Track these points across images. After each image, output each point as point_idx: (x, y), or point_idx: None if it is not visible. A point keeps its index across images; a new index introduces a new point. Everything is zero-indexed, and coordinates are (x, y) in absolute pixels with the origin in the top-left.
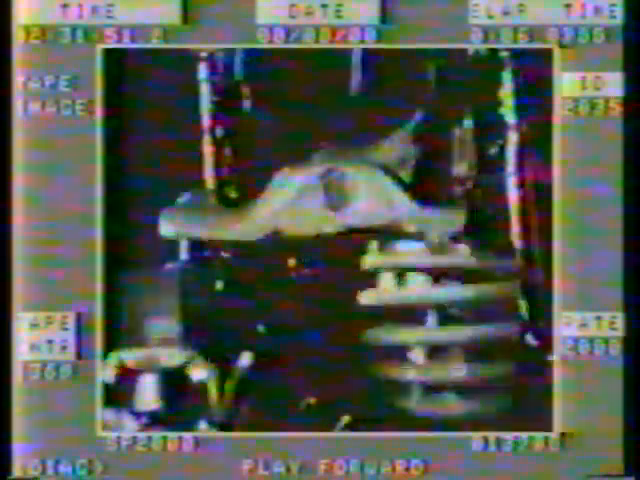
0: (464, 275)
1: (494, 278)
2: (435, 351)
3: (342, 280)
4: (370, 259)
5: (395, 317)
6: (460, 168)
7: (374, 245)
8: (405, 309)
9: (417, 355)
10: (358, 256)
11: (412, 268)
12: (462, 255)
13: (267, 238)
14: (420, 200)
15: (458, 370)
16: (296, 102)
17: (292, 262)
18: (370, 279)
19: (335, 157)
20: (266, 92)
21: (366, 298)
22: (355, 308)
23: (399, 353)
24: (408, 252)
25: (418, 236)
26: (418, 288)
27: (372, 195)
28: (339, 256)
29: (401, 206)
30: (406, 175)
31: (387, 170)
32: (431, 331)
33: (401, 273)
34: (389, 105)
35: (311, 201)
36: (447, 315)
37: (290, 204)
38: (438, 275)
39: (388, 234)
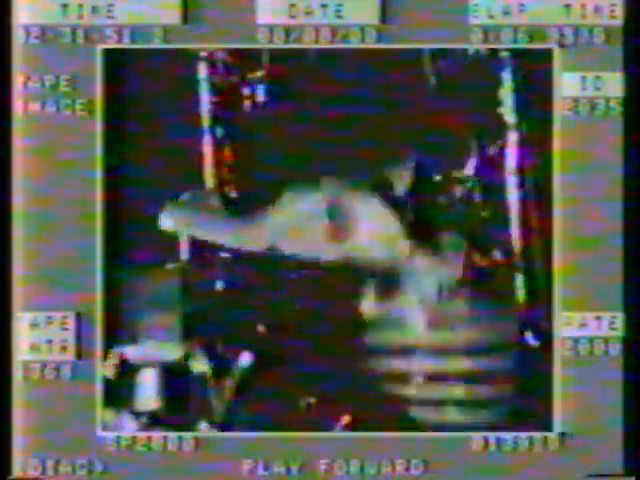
0: (464, 280)
1: (494, 280)
2: (435, 353)
3: (342, 281)
4: (368, 305)
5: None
6: (459, 169)
7: (372, 287)
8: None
9: (417, 355)
10: (357, 289)
11: (408, 316)
12: (459, 305)
13: (267, 253)
14: (420, 240)
15: (458, 370)
16: (296, 102)
17: (292, 264)
18: (369, 321)
19: (343, 187)
20: (266, 92)
21: (366, 308)
22: (355, 308)
23: (399, 353)
24: (405, 301)
25: (413, 283)
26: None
27: (374, 231)
28: (336, 286)
29: (401, 247)
30: (405, 182)
31: (391, 208)
32: (431, 330)
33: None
34: (389, 105)
35: (313, 227)
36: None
37: (293, 226)
38: (435, 322)
39: (386, 275)
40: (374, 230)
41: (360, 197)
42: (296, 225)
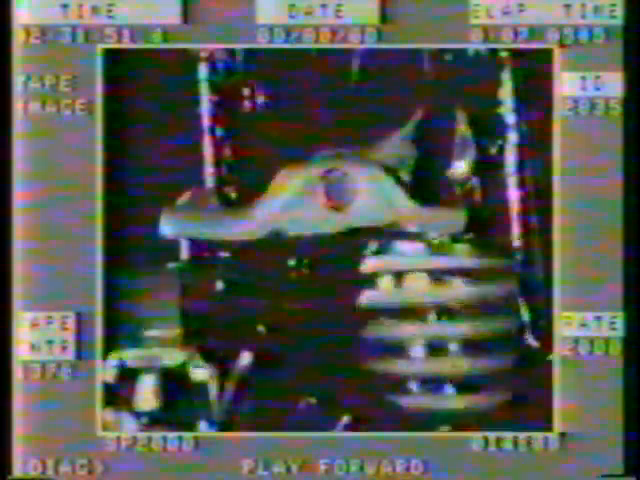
0: (464, 276)
1: (494, 278)
2: (435, 352)
3: (342, 280)
4: (370, 262)
5: (394, 316)
6: (460, 168)
7: (374, 247)
8: (404, 308)
9: (417, 354)
10: (358, 256)
11: (412, 269)
12: (462, 256)
13: (267, 238)
14: (420, 200)
15: (458, 370)
16: (296, 102)
17: (292, 262)
18: (370, 279)
19: (336, 157)
20: (266, 92)
21: (365, 300)
22: (355, 307)
23: (399, 352)
24: (408, 253)
25: (418, 236)
26: (417, 289)
27: (373, 195)
28: (339, 256)
29: (401, 206)
30: (406, 175)
31: (388, 170)
32: (431, 330)
33: (400, 274)
34: (389, 105)
35: (312, 201)
36: (447, 315)
37: (291, 204)
38: (438, 276)
39: (388, 235)
40: (373, 194)
41: (356, 165)
42: (294, 202)
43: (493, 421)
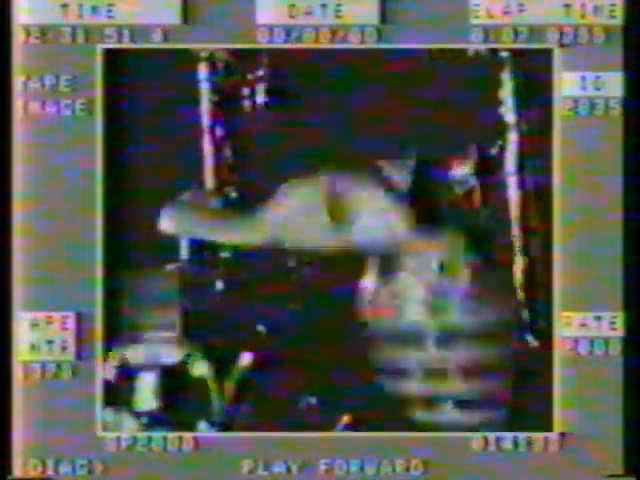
0: (464, 297)
1: (494, 278)
2: (435, 347)
3: (341, 279)
4: (370, 286)
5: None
6: (460, 169)
7: (374, 269)
8: (404, 307)
9: (417, 354)
10: (358, 269)
11: (411, 284)
12: (461, 279)
13: (267, 247)
14: (420, 222)
15: (457, 370)
16: (296, 102)
17: (292, 263)
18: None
19: (340, 173)
20: (267, 92)
21: (366, 323)
22: (355, 307)
23: (399, 351)
24: (407, 280)
25: (416, 262)
26: (417, 316)
27: (373, 214)
28: (339, 272)
29: (400, 229)
30: (405, 181)
31: (388, 190)
32: (430, 330)
33: (400, 289)
34: (389, 105)
35: (314, 216)
36: (447, 315)
37: (293, 217)
38: (437, 290)
39: (388, 257)
40: (374, 213)
41: (358, 185)
42: (296, 216)
43: (493, 421)
